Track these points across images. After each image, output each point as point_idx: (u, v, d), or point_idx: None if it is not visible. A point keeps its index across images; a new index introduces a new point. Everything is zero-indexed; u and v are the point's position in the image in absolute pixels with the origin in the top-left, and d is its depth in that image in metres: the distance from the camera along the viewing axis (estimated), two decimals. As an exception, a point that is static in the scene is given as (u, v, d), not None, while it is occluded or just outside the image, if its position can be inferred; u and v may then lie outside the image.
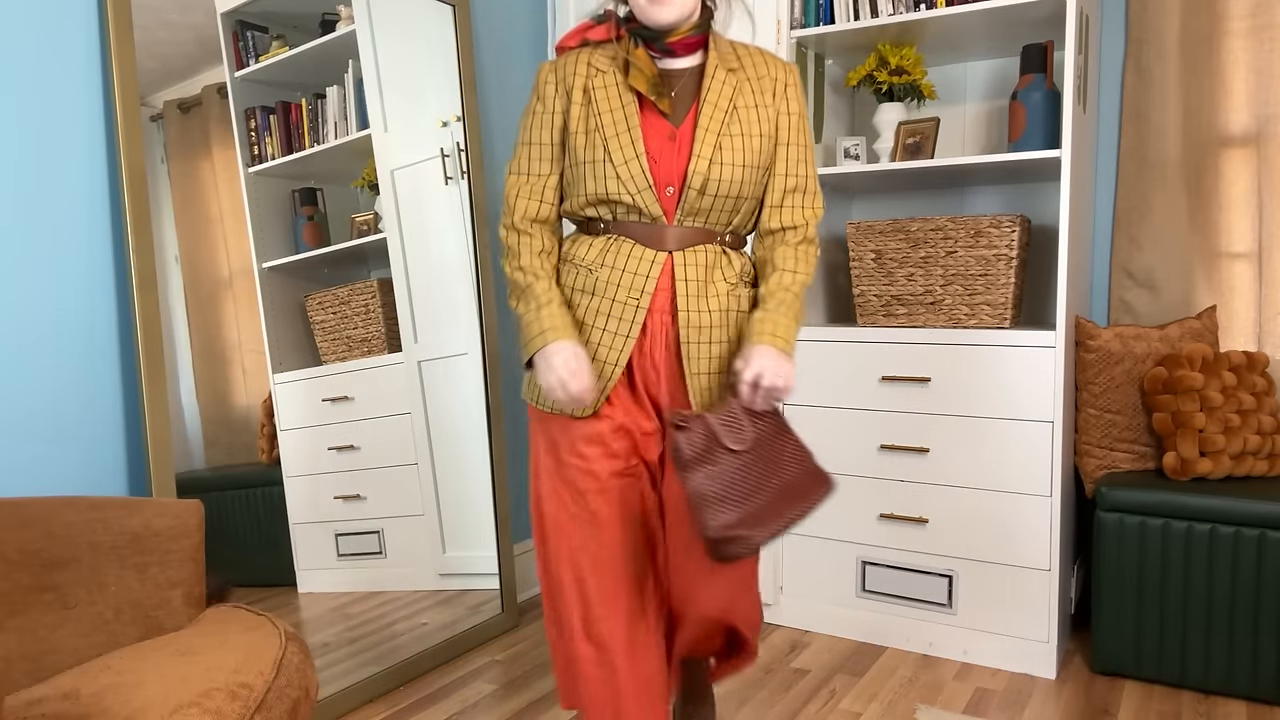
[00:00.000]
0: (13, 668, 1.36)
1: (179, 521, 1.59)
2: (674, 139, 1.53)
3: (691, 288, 1.54)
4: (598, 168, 1.51)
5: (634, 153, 1.50)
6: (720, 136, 1.51)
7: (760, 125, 1.55)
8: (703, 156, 1.50)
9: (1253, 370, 2.41)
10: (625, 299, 1.53)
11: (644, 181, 1.50)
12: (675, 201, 1.53)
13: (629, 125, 1.51)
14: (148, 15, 1.91)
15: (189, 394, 2.02)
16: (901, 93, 2.67)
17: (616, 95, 1.53)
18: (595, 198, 1.54)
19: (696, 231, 1.55)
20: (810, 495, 1.47)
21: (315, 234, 2.29)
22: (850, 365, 2.58)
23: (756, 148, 1.54)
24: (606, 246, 1.56)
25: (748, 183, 1.55)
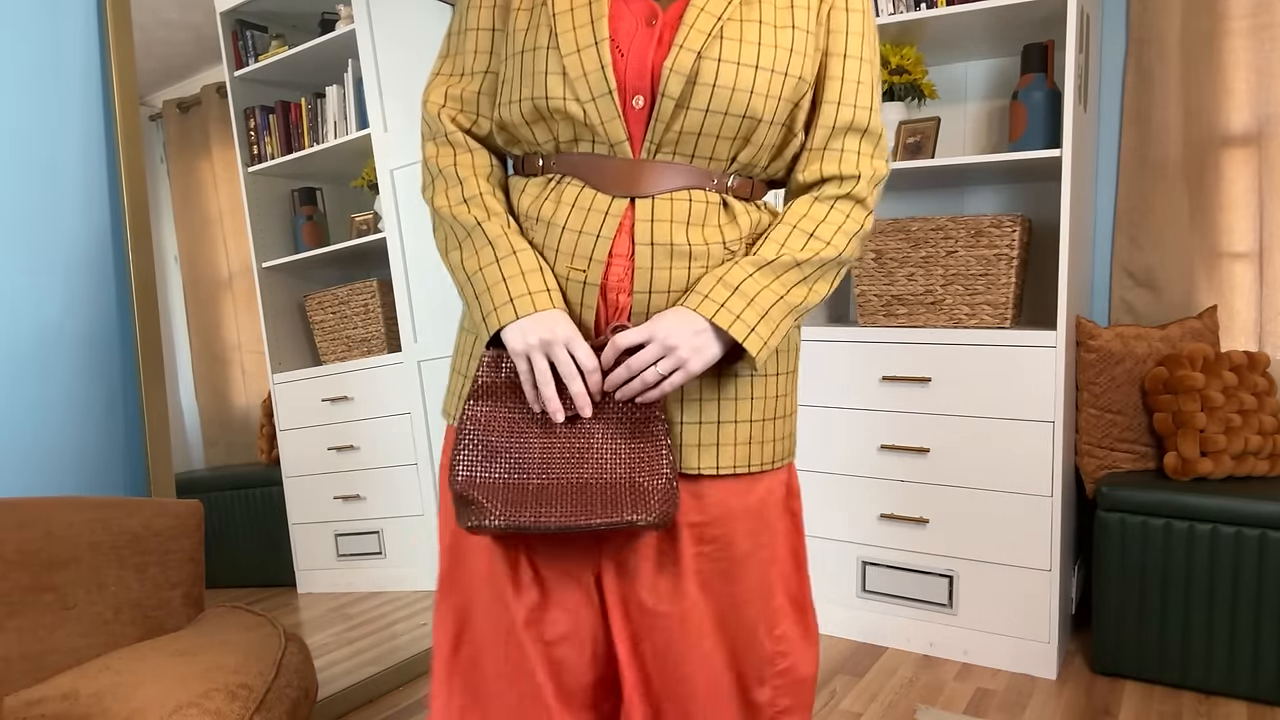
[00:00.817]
0: (12, 668, 1.36)
1: (178, 521, 1.59)
2: (653, 23, 1.02)
3: (659, 256, 1.01)
4: (538, 58, 1.01)
5: (591, 37, 0.99)
6: (723, 21, 1.00)
7: (795, 14, 1.03)
8: (688, 47, 0.98)
9: (1254, 370, 2.41)
10: (567, 271, 1.03)
11: (601, 82, 0.99)
12: (645, 120, 1.01)
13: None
14: (147, 15, 1.91)
15: (188, 394, 2.01)
16: (902, 92, 2.67)
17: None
18: (530, 110, 1.03)
19: (679, 170, 1.02)
20: (613, 509, 1.00)
21: (315, 234, 2.29)
22: (850, 365, 2.57)
23: (787, 44, 1.01)
24: (544, 191, 1.05)
25: (764, 95, 1.01)
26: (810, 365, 2.64)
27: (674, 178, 1.02)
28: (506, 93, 1.06)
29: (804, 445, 2.67)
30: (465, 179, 1.07)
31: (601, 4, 1.01)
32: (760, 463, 1.09)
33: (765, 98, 1.01)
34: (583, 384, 1.00)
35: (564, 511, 1.00)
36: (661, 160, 1.02)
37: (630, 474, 1.02)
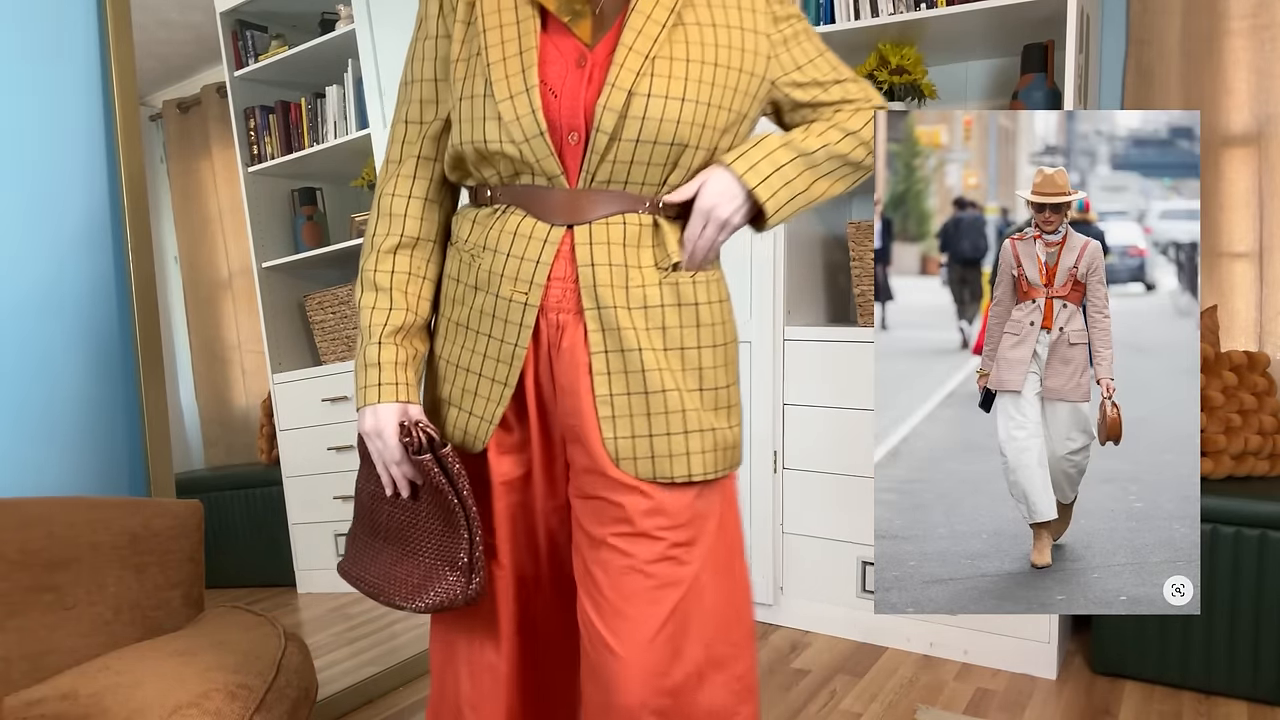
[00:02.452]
0: (12, 668, 1.36)
1: (178, 522, 1.59)
2: (584, 64, 1.09)
3: (601, 275, 1.09)
4: (476, 105, 1.09)
5: (522, 84, 1.07)
6: (652, 58, 1.07)
7: (720, 51, 1.10)
8: (619, 86, 1.05)
9: (1253, 370, 2.41)
10: (510, 294, 1.11)
11: (533, 124, 1.06)
12: (581, 153, 1.09)
13: (521, 47, 1.08)
14: (147, 15, 1.91)
15: (188, 394, 2.01)
16: (902, 92, 2.67)
17: (511, 7, 1.11)
18: (473, 150, 1.12)
19: (613, 197, 1.10)
20: (402, 595, 1.18)
21: (315, 234, 2.29)
22: (850, 365, 2.57)
23: (710, 79, 1.08)
24: (490, 222, 1.14)
25: (691, 124, 1.08)
26: (810, 365, 2.64)
27: (608, 204, 1.10)
28: (455, 134, 1.15)
29: (804, 445, 2.67)
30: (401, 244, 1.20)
31: (531, 53, 1.08)
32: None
33: (693, 126, 1.09)
34: (398, 479, 1.17)
35: (371, 584, 1.23)
36: (597, 189, 1.10)
37: (433, 557, 1.17)
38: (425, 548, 1.18)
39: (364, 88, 2.37)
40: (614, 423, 1.11)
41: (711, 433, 1.15)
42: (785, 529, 2.72)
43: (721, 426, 1.16)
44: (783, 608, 2.75)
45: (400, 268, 1.19)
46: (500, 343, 1.14)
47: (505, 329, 1.13)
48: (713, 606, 1.15)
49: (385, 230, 1.20)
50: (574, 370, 1.12)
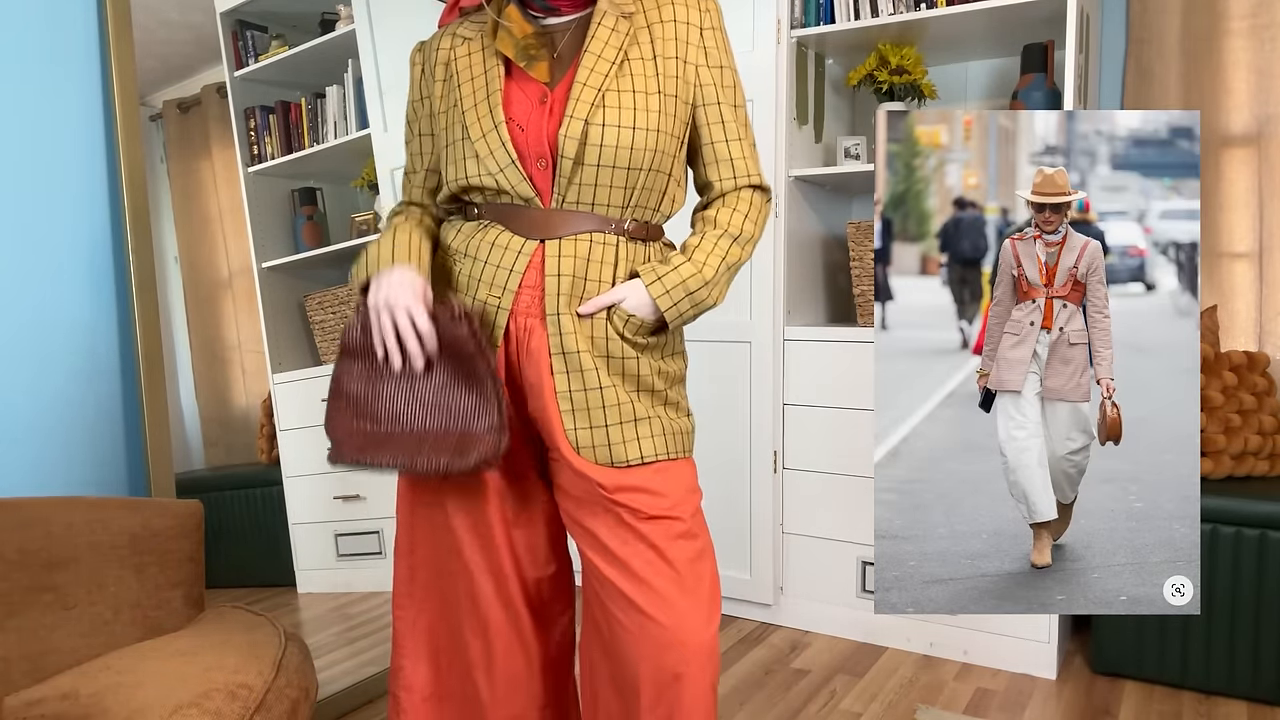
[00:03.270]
0: (12, 668, 1.36)
1: (178, 522, 1.59)
2: (545, 101, 1.27)
3: (564, 285, 1.26)
4: (457, 149, 1.29)
5: (492, 122, 1.25)
6: (603, 91, 1.24)
7: (661, 81, 1.27)
8: (576, 116, 1.22)
9: (1253, 370, 2.41)
10: (486, 297, 1.28)
11: (505, 156, 1.24)
12: (550, 177, 1.26)
13: (488, 91, 1.27)
14: (147, 14, 1.91)
15: (189, 394, 2.01)
16: (902, 92, 2.67)
17: (480, 62, 1.30)
18: (459, 186, 1.31)
19: (583, 217, 1.27)
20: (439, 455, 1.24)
21: (315, 234, 2.29)
22: (850, 365, 2.57)
23: (656, 107, 1.26)
24: (473, 233, 1.31)
25: (642, 149, 1.25)
26: (810, 365, 2.64)
27: (578, 223, 1.27)
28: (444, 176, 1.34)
29: (804, 445, 2.67)
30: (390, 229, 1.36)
31: (496, 94, 1.27)
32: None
33: (644, 151, 1.26)
34: (417, 345, 1.23)
35: (398, 453, 1.25)
36: (568, 209, 1.26)
37: (463, 423, 1.24)
38: (452, 414, 1.24)
39: (364, 88, 2.37)
40: (573, 416, 1.26)
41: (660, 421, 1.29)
42: (785, 529, 2.72)
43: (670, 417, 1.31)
44: (783, 608, 2.75)
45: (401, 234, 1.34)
46: None
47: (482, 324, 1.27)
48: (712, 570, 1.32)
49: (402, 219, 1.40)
50: (539, 369, 1.27)
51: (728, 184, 1.34)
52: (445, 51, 1.35)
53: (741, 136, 1.34)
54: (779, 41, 2.63)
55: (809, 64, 2.75)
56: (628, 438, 1.27)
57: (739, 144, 1.34)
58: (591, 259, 1.26)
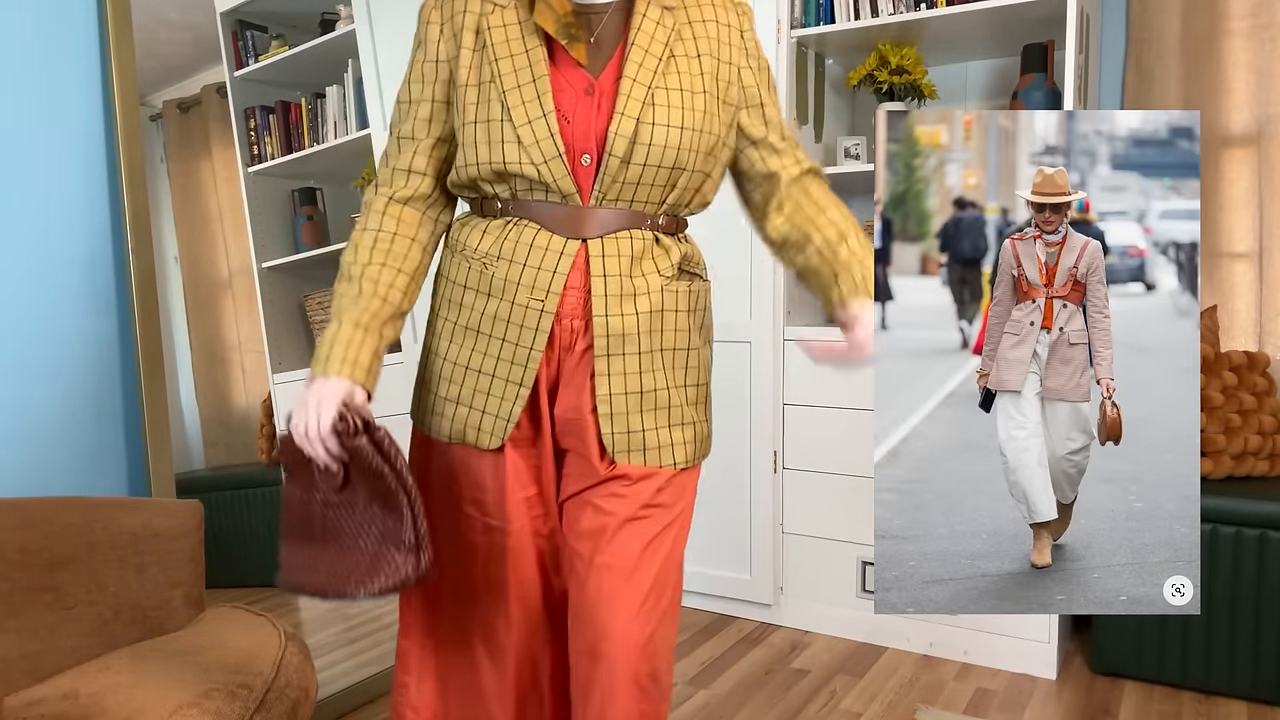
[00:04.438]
0: (12, 668, 1.36)
1: (179, 522, 1.59)
2: (592, 93, 1.19)
3: (612, 285, 1.21)
4: (493, 129, 1.18)
5: (540, 110, 1.17)
6: (653, 89, 1.19)
7: (705, 80, 1.23)
8: (628, 114, 1.17)
9: (1253, 370, 2.41)
10: (527, 301, 1.21)
11: (552, 148, 1.17)
12: (593, 175, 1.20)
13: (534, 75, 1.18)
14: (147, 15, 1.91)
15: (189, 394, 2.01)
16: (902, 92, 2.67)
17: (519, 37, 1.20)
18: (490, 170, 1.20)
19: (620, 214, 1.22)
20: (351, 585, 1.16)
21: (315, 234, 2.29)
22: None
23: (700, 107, 1.21)
24: (504, 233, 1.22)
25: (688, 150, 1.21)
26: (810, 365, 2.64)
27: (616, 220, 1.22)
28: (469, 154, 1.22)
29: (804, 445, 2.67)
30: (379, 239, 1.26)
31: (544, 80, 1.18)
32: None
33: (690, 152, 1.21)
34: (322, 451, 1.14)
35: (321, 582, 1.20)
36: (606, 206, 1.21)
37: (378, 543, 1.16)
38: (368, 533, 1.17)
39: (364, 88, 2.37)
40: (610, 420, 1.23)
41: (692, 425, 1.29)
42: (785, 529, 2.72)
43: (700, 420, 1.31)
44: (783, 608, 2.75)
45: (376, 259, 1.25)
46: (515, 346, 1.22)
47: (521, 333, 1.21)
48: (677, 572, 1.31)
49: (363, 225, 1.27)
50: (581, 371, 1.23)
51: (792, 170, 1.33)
52: (474, 16, 1.22)
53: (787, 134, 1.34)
54: (779, 41, 2.63)
55: (809, 64, 2.75)
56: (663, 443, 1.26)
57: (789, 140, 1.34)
58: (637, 254, 1.22)
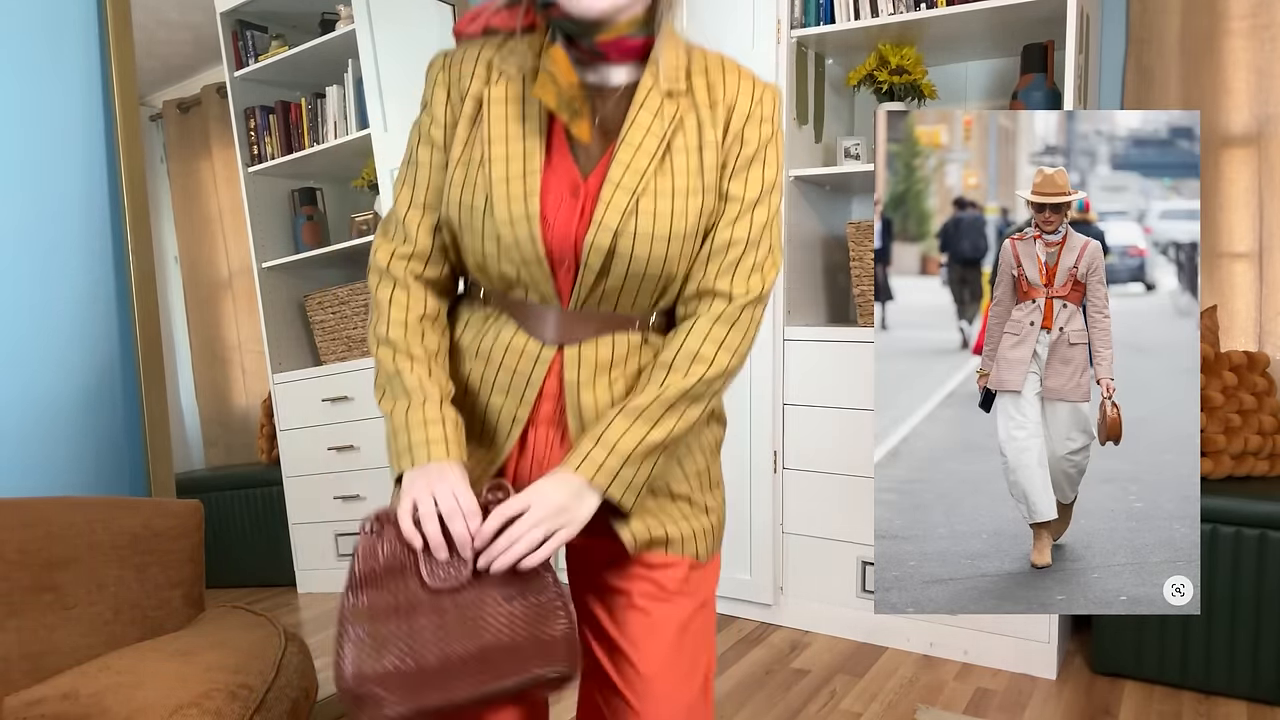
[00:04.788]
0: (13, 668, 1.36)
1: (179, 522, 1.59)
2: (577, 195, 1.09)
3: (585, 396, 1.12)
4: (475, 218, 1.09)
5: (524, 210, 1.07)
6: (638, 195, 1.07)
7: (705, 176, 1.10)
8: (605, 225, 1.06)
9: (1253, 370, 2.41)
10: (502, 404, 1.13)
11: (532, 251, 1.07)
12: (572, 278, 1.10)
13: (525, 169, 1.08)
14: (147, 15, 1.91)
15: (189, 394, 2.02)
16: (902, 92, 2.67)
17: (518, 118, 1.10)
18: (472, 263, 1.13)
19: (604, 318, 1.12)
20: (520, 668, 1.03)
21: (315, 234, 2.29)
22: (850, 365, 2.57)
23: (696, 209, 1.09)
24: (484, 328, 1.15)
25: (676, 258, 1.09)
26: (810, 365, 2.64)
27: (599, 325, 1.12)
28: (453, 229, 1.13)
29: (804, 445, 2.67)
30: (394, 320, 1.14)
31: (535, 178, 1.08)
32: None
33: (679, 259, 1.10)
34: (464, 525, 1.04)
35: (472, 681, 1.02)
36: (588, 310, 1.11)
37: (531, 630, 1.04)
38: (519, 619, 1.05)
39: (364, 88, 2.37)
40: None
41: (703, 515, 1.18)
42: (785, 529, 2.72)
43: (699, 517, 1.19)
44: (783, 608, 2.75)
45: (431, 343, 1.14)
46: (489, 448, 1.15)
47: (495, 434, 1.14)
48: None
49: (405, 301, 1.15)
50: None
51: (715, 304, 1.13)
52: (478, 83, 1.13)
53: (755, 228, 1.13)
54: (779, 41, 2.63)
55: (809, 64, 2.75)
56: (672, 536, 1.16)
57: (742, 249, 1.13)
58: (615, 361, 1.13)
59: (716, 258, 1.11)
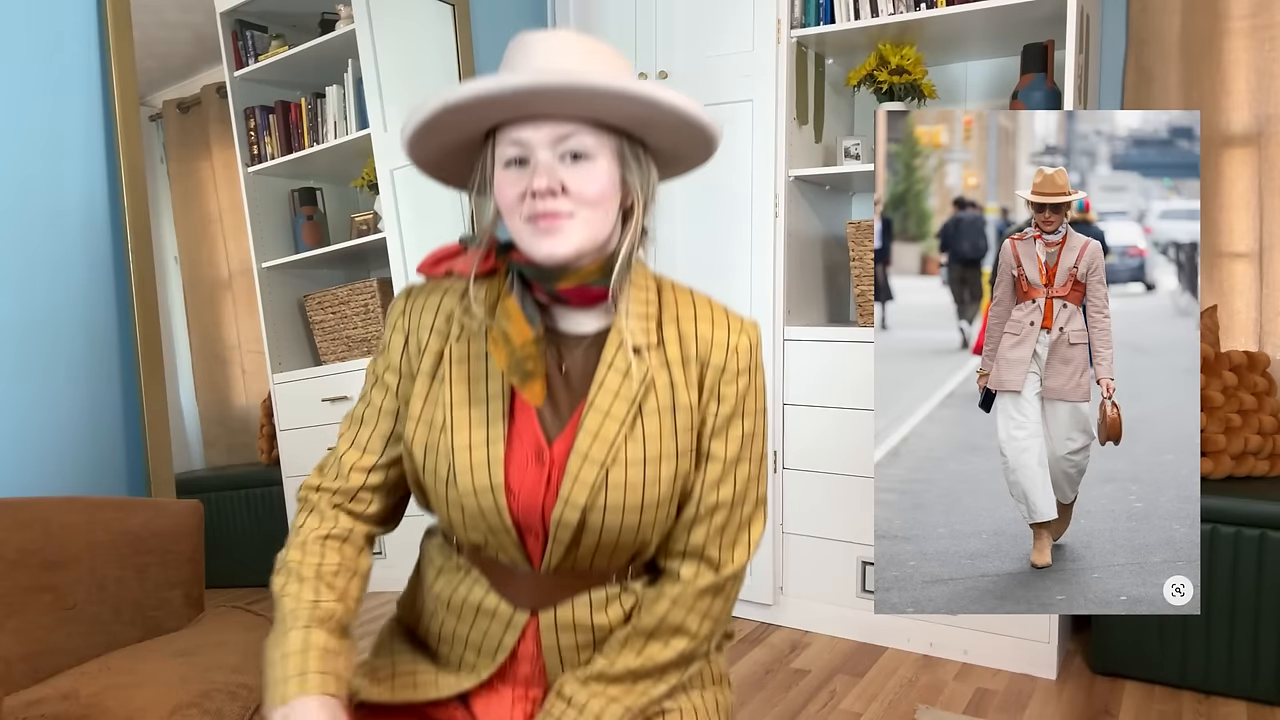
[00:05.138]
0: (12, 668, 1.36)
1: (178, 522, 1.59)
2: (543, 461, 1.02)
3: (567, 655, 1.05)
4: (439, 485, 1.03)
5: (487, 481, 1.00)
6: (607, 467, 1.00)
7: (679, 439, 1.03)
8: (573, 501, 0.99)
9: (1253, 370, 2.41)
10: (476, 661, 1.07)
11: (497, 521, 1.01)
12: (541, 546, 1.03)
13: (488, 435, 1.01)
14: (147, 15, 1.91)
15: (188, 394, 2.02)
16: (902, 92, 2.67)
17: (480, 376, 1.04)
18: (439, 519, 1.08)
19: (578, 578, 1.05)
20: None
21: (315, 234, 2.29)
22: (850, 365, 2.57)
23: (670, 475, 1.02)
24: (456, 580, 1.08)
25: (650, 524, 1.03)
26: (810, 365, 2.64)
27: (572, 586, 1.05)
28: (428, 496, 1.06)
29: (804, 445, 2.67)
30: (294, 544, 1.05)
31: (498, 446, 1.01)
32: None
33: (654, 525, 1.03)
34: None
35: None
36: (561, 571, 1.04)
37: None
38: None
39: (364, 88, 2.37)
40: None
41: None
42: (785, 529, 2.72)
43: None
44: (783, 608, 2.75)
45: (330, 560, 1.05)
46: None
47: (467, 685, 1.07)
48: None
49: (313, 524, 1.07)
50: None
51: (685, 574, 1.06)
52: (438, 339, 1.06)
53: (745, 498, 1.08)
54: (779, 41, 2.63)
55: (809, 64, 2.75)
56: None
57: (725, 512, 1.06)
58: (595, 617, 1.05)
59: (702, 522, 1.05)
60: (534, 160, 0.96)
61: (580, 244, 0.97)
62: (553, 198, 0.95)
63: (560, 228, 0.95)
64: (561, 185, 0.95)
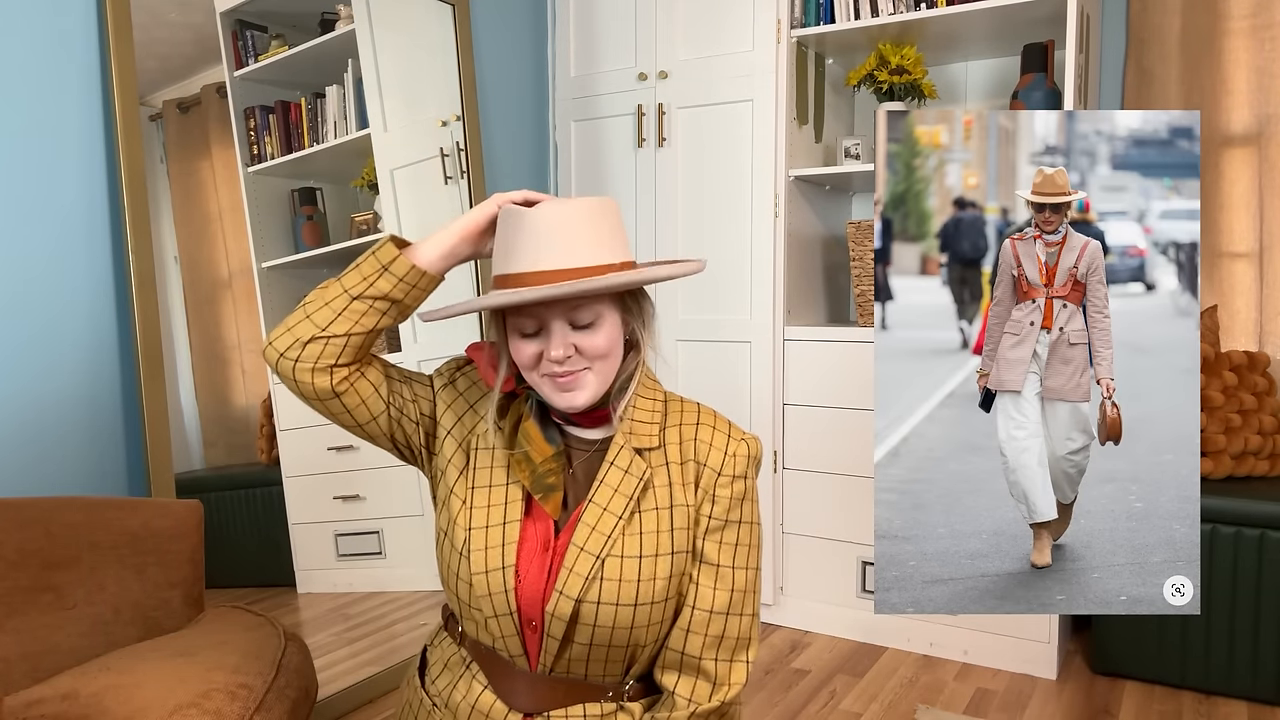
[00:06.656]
0: (12, 668, 1.36)
1: (178, 522, 1.59)
2: (548, 550, 1.08)
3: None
4: (453, 558, 1.10)
5: (499, 561, 1.07)
6: (603, 559, 1.05)
7: (675, 536, 1.08)
8: (566, 593, 1.04)
9: (1253, 370, 2.41)
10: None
11: (504, 604, 1.06)
12: (538, 642, 1.07)
13: (505, 518, 1.09)
14: (147, 15, 1.91)
15: (188, 394, 2.01)
16: (902, 92, 2.67)
17: (503, 479, 1.11)
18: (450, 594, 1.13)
19: (572, 686, 1.08)
20: None
21: (315, 234, 2.29)
22: (850, 365, 2.57)
23: (665, 571, 1.06)
24: (456, 675, 1.13)
25: (644, 626, 1.06)
26: (810, 365, 2.64)
27: (569, 694, 1.08)
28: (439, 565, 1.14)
29: (804, 445, 2.67)
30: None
31: (514, 528, 1.08)
32: None
33: (646, 627, 1.07)
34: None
35: None
36: (557, 675, 1.08)
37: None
38: None
39: (364, 88, 2.37)
40: None
41: None
42: (785, 529, 2.72)
43: None
44: (783, 608, 2.75)
45: None
46: None
47: None
48: None
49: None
50: None
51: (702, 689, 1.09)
52: (474, 436, 1.14)
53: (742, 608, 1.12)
54: (779, 41, 2.63)
55: (809, 64, 2.75)
56: None
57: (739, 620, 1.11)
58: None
59: (697, 631, 1.09)
60: (548, 331, 1.05)
61: (595, 392, 1.07)
62: (568, 359, 1.04)
63: (577, 382, 1.05)
64: (575, 347, 1.05)
